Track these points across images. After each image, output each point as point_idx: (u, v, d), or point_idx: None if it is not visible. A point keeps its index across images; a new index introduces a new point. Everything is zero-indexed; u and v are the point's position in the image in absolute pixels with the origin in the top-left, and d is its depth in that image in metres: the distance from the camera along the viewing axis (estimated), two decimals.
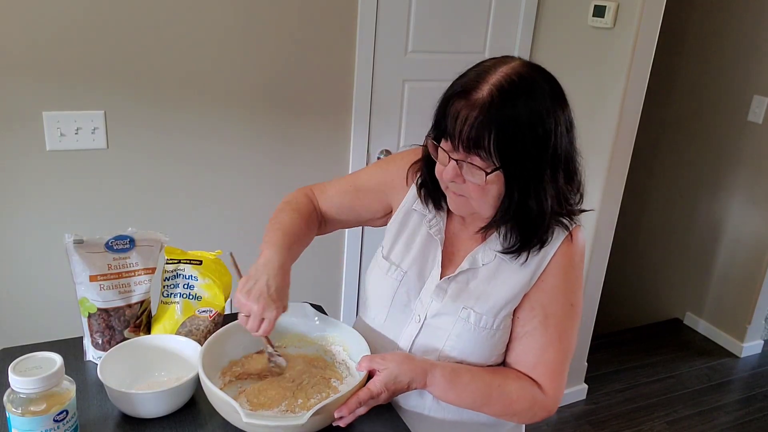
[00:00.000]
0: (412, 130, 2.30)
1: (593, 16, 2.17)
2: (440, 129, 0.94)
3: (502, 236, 1.01)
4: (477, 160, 0.90)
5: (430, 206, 1.08)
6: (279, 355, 1.06)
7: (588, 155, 2.41)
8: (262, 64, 1.98)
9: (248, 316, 0.98)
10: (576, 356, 2.55)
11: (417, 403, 1.09)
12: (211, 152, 2.00)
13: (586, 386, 2.68)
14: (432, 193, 1.06)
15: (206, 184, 2.04)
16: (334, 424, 0.95)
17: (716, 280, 3.22)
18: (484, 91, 0.89)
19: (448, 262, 1.07)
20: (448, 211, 1.08)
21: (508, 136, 0.88)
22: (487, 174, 0.90)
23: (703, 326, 3.31)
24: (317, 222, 1.20)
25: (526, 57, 2.43)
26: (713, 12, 3.10)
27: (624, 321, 3.54)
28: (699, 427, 2.57)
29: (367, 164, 2.26)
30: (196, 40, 1.87)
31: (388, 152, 2.28)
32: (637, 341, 3.22)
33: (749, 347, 3.13)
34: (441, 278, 1.06)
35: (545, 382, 1.02)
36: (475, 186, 0.93)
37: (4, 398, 0.83)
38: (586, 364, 2.63)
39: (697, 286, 3.33)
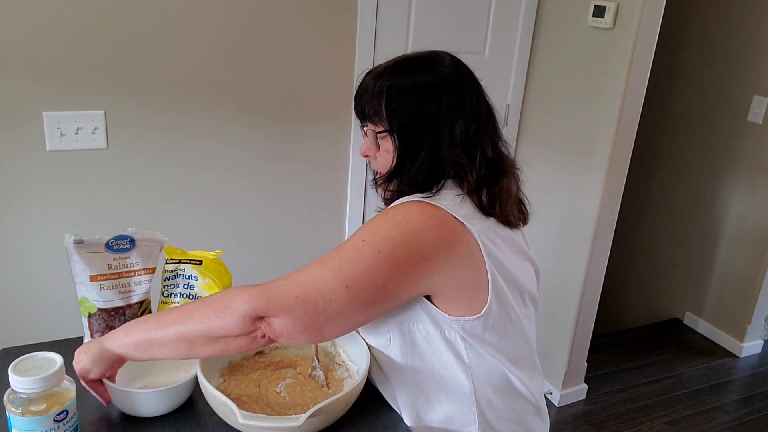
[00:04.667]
0: None
1: (593, 16, 2.17)
2: (355, 111, 1.05)
3: (383, 195, 1.07)
4: (375, 128, 1.01)
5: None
6: (320, 369, 1.08)
7: (588, 155, 2.40)
8: (262, 64, 1.98)
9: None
10: (576, 356, 2.55)
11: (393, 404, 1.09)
12: (211, 152, 2.01)
13: (585, 386, 2.68)
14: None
15: (206, 184, 2.04)
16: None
17: (716, 280, 3.22)
18: (381, 68, 1.02)
19: None
20: None
21: (393, 99, 0.98)
22: (377, 134, 1.01)
23: (702, 326, 3.31)
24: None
25: (526, 57, 2.43)
26: (713, 12, 3.10)
27: (624, 321, 3.54)
28: (699, 427, 2.57)
29: (367, 165, 2.26)
30: (196, 39, 1.87)
31: None
32: (637, 341, 3.22)
33: (749, 347, 3.13)
34: None
35: (274, 281, 0.91)
36: (380, 157, 1.03)
37: (5, 398, 0.83)
38: (586, 364, 2.63)
39: (697, 286, 3.33)
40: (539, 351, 1.14)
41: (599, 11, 2.14)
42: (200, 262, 1.18)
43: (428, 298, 0.97)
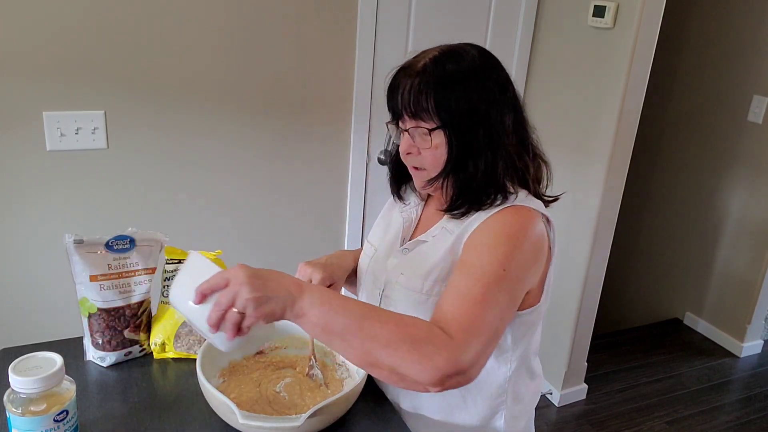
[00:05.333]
0: None
1: (593, 16, 2.17)
2: (391, 108, 1.03)
3: (444, 193, 1.05)
4: (422, 124, 0.98)
5: (395, 197, 1.18)
6: (317, 368, 1.08)
7: (588, 155, 2.40)
8: (262, 64, 1.98)
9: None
10: (576, 356, 2.55)
11: (416, 404, 1.10)
12: (211, 152, 2.01)
13: (586, 386, 2.68)
14: (395, 186, 1.17)
15: (206, 184, 2.04)
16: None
17: (716, 280, 3.22)
18: (421, 63, 1.00)
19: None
20: (427, 201, 1.15)
21: (442, 94, 0.96)
22: (430, 131, 0.98)
23: (703, 326, 3.31)
24: None
25: (526, 57, 2.43)
26: (713, 12, 3.10)
27: (624, 321, 3.54)
28: (699, 427, 2.57)
29: (367, 164, 2.26)
30: (197, 40, 1.87)
31: (388, 152, 2.28)
32: (637, 341, 3.22)
33: (749, 347, 3.13)
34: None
35: (452, 327, 0.87)
36: (428, 153, 1.00)
37: (5, 398, 0.83)
38: (586, 364, 2.63)
39: (697, 286, 3.33)
40: (539, 350, 1.18)
41: (599, 11, 2.14)
42: None
43: None
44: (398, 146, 1.06)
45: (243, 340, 0.85)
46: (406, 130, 1.01)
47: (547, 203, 1.07)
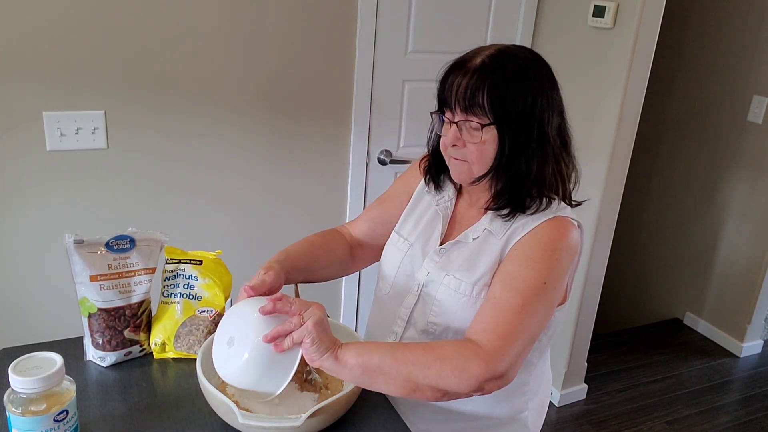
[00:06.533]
0: (412, 130, 2.30)
1: (593, 16, 2.17)
2: (441, 100, 1.04)
3: (490, 192, 1.06)
4: (473, 119, 0.99)
5: (431, 186, 1.17)
6: (315, 371, 1.07)
7: (588, 155, 2.40)
8: (262, 64, 1.98)
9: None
10: (576, 356, 2.55)
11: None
12: (211, 152, 2.01)
13: (586, 386, 2.68)
14: (434, 176, 1.16)
15: (207, 184, 2.04)
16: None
17: (716, 280, 3.22)
18: (478, 59, 1.00)
19: (449, 238, 1.13)
20: (458, 193, 1.16)
21: (499, 92, 0.97)
22: (482, 127, 0.98)
23: (703, 326, 3.31)
24: (339, 240, 1.27)
25: None
26: (713, 12, 3.10)
27: (624, 321, 3.54)
28: (699, 427, 2.57)
29: (367, 164, 2.26)
30: (197, 39, 1.87)
31: (388, 152, 2.28)
32: (637, 341, 3.22)
33: (749, 347, 3.13)
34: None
35: (488, 337, 0.94)
36: (474, 147, 1.01)
37: (5, 398, 0.83)
38: (586, 364, 2.63)
39: (697, 286, 3.33)
40: None
41: (599, 11, 2.14)
42: (200, 262, 1.18)
43: None
44: (439, 136, 1.07)
45: (265, 363, 0.91)
46: (455, 122, 1.02)
47: (572, 207, 1.09)
